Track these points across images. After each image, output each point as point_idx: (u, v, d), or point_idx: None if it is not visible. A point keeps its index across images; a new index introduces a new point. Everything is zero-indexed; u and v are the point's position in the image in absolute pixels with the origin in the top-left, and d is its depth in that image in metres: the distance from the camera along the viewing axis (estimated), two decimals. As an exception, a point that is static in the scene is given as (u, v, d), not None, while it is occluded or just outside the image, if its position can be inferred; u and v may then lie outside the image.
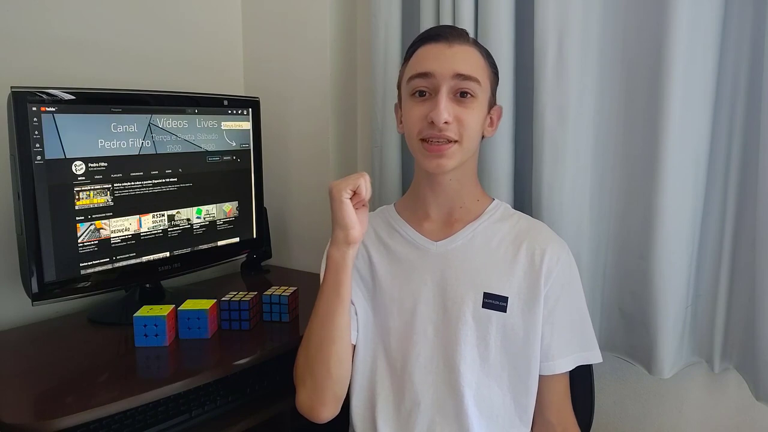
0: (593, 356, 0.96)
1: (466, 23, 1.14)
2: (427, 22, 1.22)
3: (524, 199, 1.19)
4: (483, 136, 0.98)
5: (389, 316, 0.96)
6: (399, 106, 1.01)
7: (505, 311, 0.91)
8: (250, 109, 1.36)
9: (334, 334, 0.91)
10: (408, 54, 0.98)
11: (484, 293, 0.92)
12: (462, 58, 0.91)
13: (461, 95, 0.91)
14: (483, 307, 0.92)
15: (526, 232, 0.96)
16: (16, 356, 1.05)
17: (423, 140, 0.91)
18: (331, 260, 0.91)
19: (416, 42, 0.96)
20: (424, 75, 0.91)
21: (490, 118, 0.98)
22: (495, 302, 0.92)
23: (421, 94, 0.92)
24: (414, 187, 1.02)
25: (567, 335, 0.93)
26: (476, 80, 0.91)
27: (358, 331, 0.97)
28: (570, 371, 0.95)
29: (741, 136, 1.02)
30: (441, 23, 1.19)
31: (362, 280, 0.99)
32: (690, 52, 0.97)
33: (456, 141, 0.90)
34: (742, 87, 1.01)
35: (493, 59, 0.98)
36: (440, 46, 0.92)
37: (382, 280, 0.98)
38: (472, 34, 1.14)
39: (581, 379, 1.02)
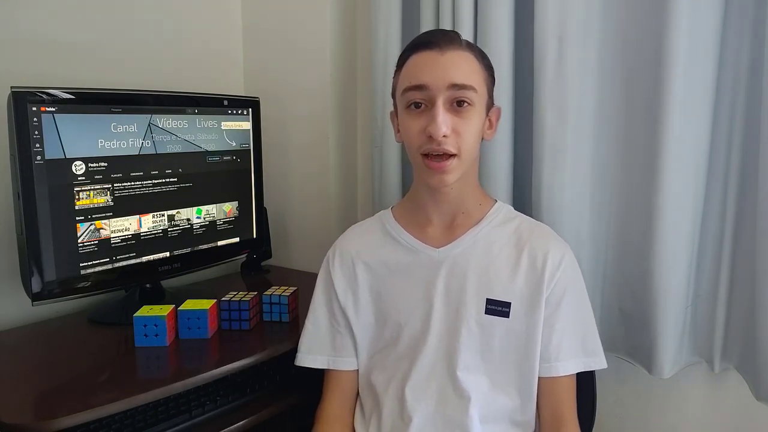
0: (597, 362, 0.94)
1: (466, 24, 1.14)
2: (426, 23, 1.22)
3: (524, 200, 1.19)
4: (483, 139, 0.96)
5: (396, 327, 0.95)
6: (395, 114, 0.98)
7: (508, 316, 0.91)
8: (250, 109, 1.36)
9: None
10: (400, 62, 0.94)
11: (487, 299, 0.91)
12: (456, 66, 0.88)
13: (458, 104, 0.88)
14: (486, 313, 0.91)
15: (527, 235, 0.95)
16: (16, 356, 1.05)
17: (424, 155, 0.90)
18: None
19: (407, 50, 0.93)
20: (418, 87, 0.88)
21: (489, 120, 0.95)
22: (498, 308, 0.91)
23: (417, 105, 0.89)
24: (413, 195, 1.01)
25: (568, 338, 0.92)
26: (472, 88, 0.88)
27: (357, 351, 0.99)
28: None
29: (741, 135, 1.02)
30: (441, 24, 1.19)
31: (369, 293, 0.98)
32: (690, 51, 0.97)
33: (455, 155, 0.88)
34: (742, 86, 1.00)
35: (488, 60, 0.95)
36: (432, 54, 0.88)
37: (386, 293, 0.96)
38: (471, 35, 1.14)
39: (583, 382, 1.01)
